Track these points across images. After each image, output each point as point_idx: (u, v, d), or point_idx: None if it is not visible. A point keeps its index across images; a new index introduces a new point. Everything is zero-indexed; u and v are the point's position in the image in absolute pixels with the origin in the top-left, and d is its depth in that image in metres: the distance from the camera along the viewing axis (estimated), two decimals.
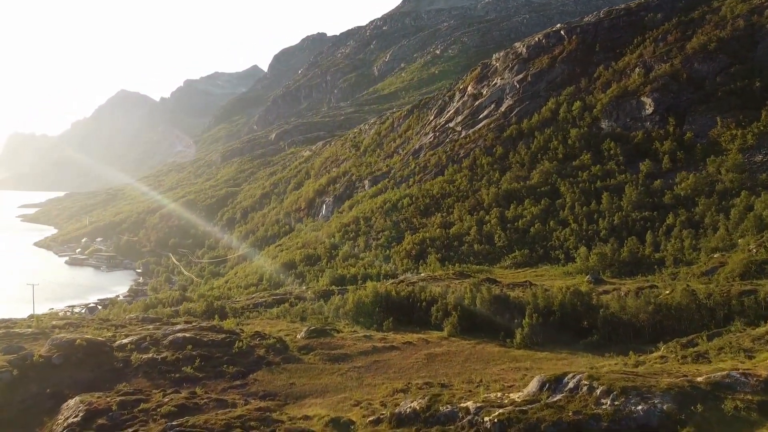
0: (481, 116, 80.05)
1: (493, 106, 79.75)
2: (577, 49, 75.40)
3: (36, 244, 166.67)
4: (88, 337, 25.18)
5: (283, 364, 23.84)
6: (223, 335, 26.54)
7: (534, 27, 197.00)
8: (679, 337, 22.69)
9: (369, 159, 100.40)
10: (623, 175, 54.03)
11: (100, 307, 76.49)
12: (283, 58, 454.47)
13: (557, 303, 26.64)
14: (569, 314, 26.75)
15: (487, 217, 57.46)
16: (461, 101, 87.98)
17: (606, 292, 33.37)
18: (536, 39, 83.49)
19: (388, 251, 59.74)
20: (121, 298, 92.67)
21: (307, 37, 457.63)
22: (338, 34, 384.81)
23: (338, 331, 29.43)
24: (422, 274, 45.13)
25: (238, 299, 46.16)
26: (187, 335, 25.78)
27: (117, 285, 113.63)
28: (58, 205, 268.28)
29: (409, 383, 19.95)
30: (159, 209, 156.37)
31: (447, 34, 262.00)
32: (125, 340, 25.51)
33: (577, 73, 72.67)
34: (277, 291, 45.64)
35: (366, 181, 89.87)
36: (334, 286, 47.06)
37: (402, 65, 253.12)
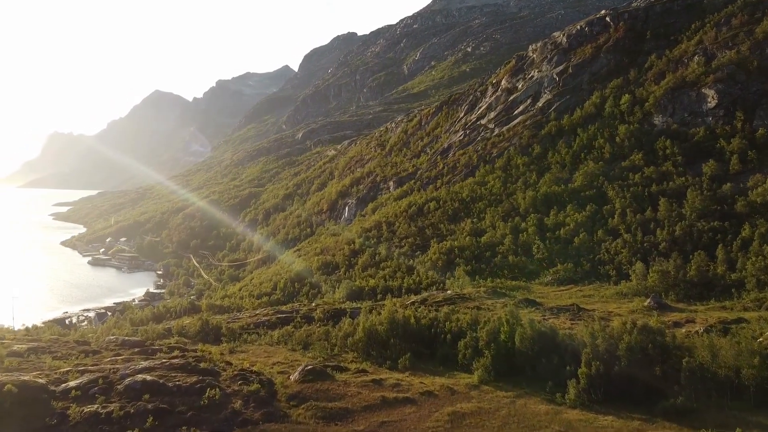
0: (516, 112, 73.47)
1: (529, 101, 73.07)
2: (624, 37, 68.13)
3: (62, 243, 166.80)
4: (25, 379, 20.14)
5: (263, 423, 18.30)
6: (195, 377, 21.19)
7: (569, 23, 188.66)
8: None
9: (395, 159, 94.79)
10: (683, 178, 46.94)
11: (109, 314, 72.96)
12: (313, 57, 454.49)
13: (623, 347, 20.35)
14: (638, 360, 20.48)
15: (523, 225, 51.11)
16: (494, 96, 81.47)
17: (677, 324, 26.93)
18: (578, 27, 76.38)
19: (411, 261, 53.97)
20: (136, 302, 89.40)
21: (338, 36, 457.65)
22: (368, 33, 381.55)
23: (342, 370, 23.82)
24: (449, 291, 39.23)
25: (240, 316, 41.14)
26: (149, 378, 20.52)
27: (136, 287, 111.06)
28: (89, 204, 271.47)
29: None
30: (182, 209, 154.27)
31: (479, 32, 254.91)
32: (73, 383, 20.38)
33: (625, 63, 65.48)
34: (284, 308, 40.45)
35: (391, 183, 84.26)
36: (348, 303, 41.70)
37: (432, 63, 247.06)
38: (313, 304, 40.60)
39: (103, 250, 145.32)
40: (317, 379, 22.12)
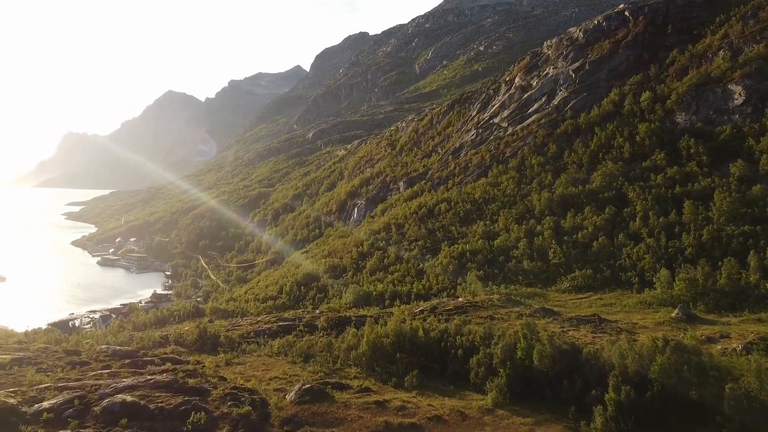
0: (530, 110, 71.07)
1: (544, 98, 70.65)
2: (645, 32, 65.45)
3: (73, 243, 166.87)
4: None
5: None
6: (181, 398, 19.31)
7: (583, 21, 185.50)
8: None
9: (405, 158, 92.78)
10: (709, 179, 44.37)
11: (113, 316, 71.85)
12: (325, 57, 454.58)
13: (656, 368, 18.13)
14: (673, 384, 18.26)
15: (538, 228, 48.80)
16: (507, 94, 79.11)
17: (711, 339, 24.60)
18: (595, 22, 73.78)
19: (421, 264, 51.91)
20: (142, 304, 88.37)
21: (349, 36, 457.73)
22: (380, 33, 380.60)
23: (344, 388, 21.84)
24: (460, 299, 37.13)
25: (241, 323, 39.38)
26: (129, 399, 18.69)
27: (144, 288, 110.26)
28: (101, 204, 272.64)
29: None
30: (192, 209, 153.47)
31: (491, 30, 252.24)
32: (46, 404, 18.60)
33: (645, 59, 62.83)
34: (286, 315, 38.67)
35: (401, 183, 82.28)
36: (354, 309, 39.82)
37: (444, 62, 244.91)
38: (317, 312, 38.73)
39: (112, 250, 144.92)
40: (315, 399, 20.15)
